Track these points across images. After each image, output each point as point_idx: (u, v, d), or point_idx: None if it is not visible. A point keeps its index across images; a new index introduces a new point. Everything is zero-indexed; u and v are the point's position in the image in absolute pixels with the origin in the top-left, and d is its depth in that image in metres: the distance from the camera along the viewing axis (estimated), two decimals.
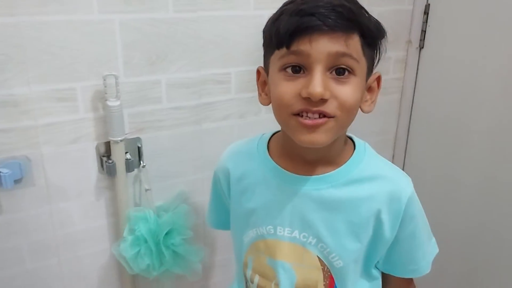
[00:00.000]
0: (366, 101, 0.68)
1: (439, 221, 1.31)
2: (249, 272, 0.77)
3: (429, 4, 1.27)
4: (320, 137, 0.62)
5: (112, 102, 0.93)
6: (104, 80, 0.92)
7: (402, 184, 0.70)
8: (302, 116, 0.62)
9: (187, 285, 1.15)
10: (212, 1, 1.01)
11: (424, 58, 1.32)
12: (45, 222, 0.98)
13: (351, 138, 0.74)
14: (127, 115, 0.99)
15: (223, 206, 0.84)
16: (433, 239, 0.77)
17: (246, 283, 0.79)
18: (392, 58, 1.34)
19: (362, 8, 0.63)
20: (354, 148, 0.72)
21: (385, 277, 0.80)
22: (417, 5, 1.29)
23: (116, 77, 0.93)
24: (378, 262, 0.76)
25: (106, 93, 0.93)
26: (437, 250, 0.77)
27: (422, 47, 1.32)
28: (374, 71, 0.68)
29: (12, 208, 0.94)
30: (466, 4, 1.19)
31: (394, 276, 0.77)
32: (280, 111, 0.64)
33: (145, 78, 0.99)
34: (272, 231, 0.72)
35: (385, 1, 1.25)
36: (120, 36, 0.94)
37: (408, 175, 0.72)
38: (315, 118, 0.61)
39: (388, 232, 0.70)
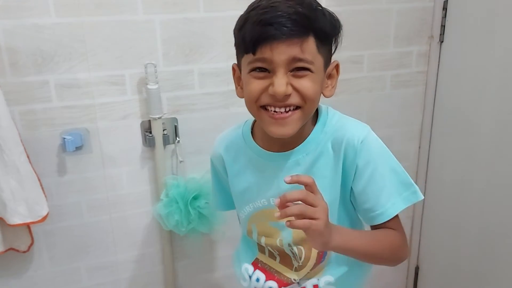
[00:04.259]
0: (327, 86, 0.79)
1: (462, 204, 1.36)
2: (255, 236, 0.90)
3: (447, 0, 1.35)
4: (288, 130, 0.73)
5: (151, 86, 1.15)
6: (145, 68, 1.14)
7: (355, 133, 0.78)
8: (269, 110, 0.73)
9: (210, 243, 1.34)
10: (236, 2, 1.19)
11: (444, 51, 1.39)
12: (100, 183, 1.22)
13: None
14: (165, 98, 1.20)
15: (224, 188, 0.95)
16: (414, 188, 0.80)
17: (257, 243, 0.90)
18: (414, 53, 1.43)
19: (318, 9, 0.71)
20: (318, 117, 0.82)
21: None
22: (437, 1, 1.37)
23: (154, 66, 1.15)
24: (357, 211, 0.84)
25: (147, 79, 1.15)
26: (418, 199, 0.80)
27: (443, 41, 1.39)
28: (332, 60, 0.78)
29: (75, 170, 1.19)
30: None
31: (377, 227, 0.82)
32: (251, 104, 0.75)
33: (180, 68, 1.20)
34: (266, 203, 0.85)
35: None
36: (160, 33, 1.15)
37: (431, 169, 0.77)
38: (281, 112, 0.72)
39: (349, 177, 0.79)
